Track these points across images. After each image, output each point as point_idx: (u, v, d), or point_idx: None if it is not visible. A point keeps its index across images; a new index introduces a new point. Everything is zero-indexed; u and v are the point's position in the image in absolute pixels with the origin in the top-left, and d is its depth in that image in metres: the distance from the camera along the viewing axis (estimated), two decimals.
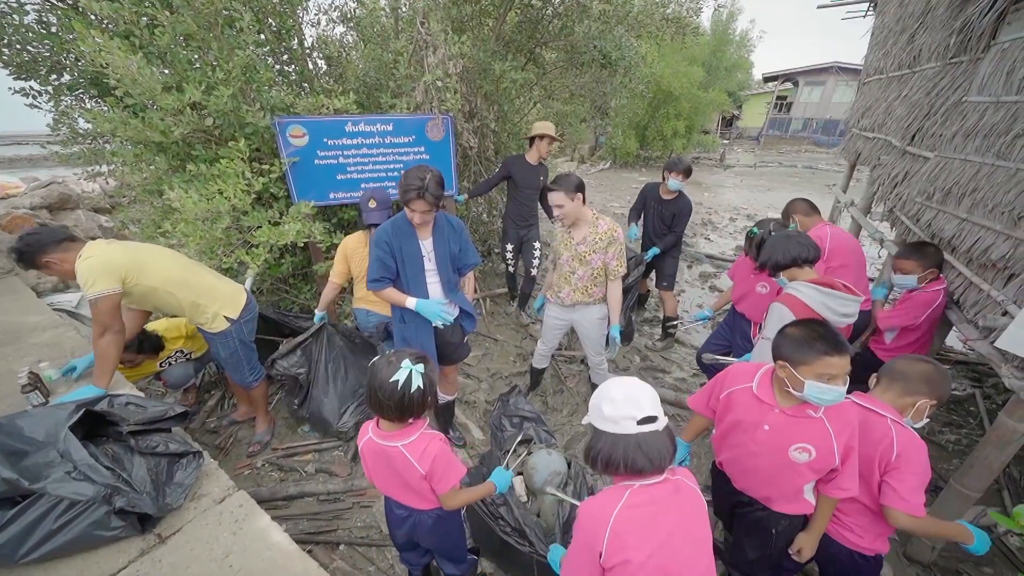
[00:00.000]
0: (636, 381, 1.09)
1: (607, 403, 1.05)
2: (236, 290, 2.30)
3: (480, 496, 1.48)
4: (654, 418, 1.02)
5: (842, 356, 1.21)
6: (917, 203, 2.62)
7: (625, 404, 1.03)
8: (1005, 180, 1.88)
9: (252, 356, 2.39)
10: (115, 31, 2.48)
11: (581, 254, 2.37)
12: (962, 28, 2.44)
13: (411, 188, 1.82)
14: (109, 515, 1.27)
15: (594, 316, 2.54)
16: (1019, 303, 1.64)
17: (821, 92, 21.94)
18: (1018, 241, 1.74)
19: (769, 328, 1.83)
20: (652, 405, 1.03)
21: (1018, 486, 2.54)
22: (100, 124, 2.39)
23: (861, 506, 1.42)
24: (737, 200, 10.06)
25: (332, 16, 3.79)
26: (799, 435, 1.32)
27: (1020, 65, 1.94)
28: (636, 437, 1.01)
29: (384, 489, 1.42)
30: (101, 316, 1.79)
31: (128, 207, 3.98)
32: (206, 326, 2.17)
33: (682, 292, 5.09)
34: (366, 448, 1.34)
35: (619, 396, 1.04)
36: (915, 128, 2.95)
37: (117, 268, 1.84)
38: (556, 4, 4.11)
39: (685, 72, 12.73)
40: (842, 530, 1.46)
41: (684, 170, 3.29)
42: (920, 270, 2.15)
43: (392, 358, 1.26)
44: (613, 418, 1.03)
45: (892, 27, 3.90)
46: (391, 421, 1.28)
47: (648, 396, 1.04)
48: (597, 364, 2.77)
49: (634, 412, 1.01)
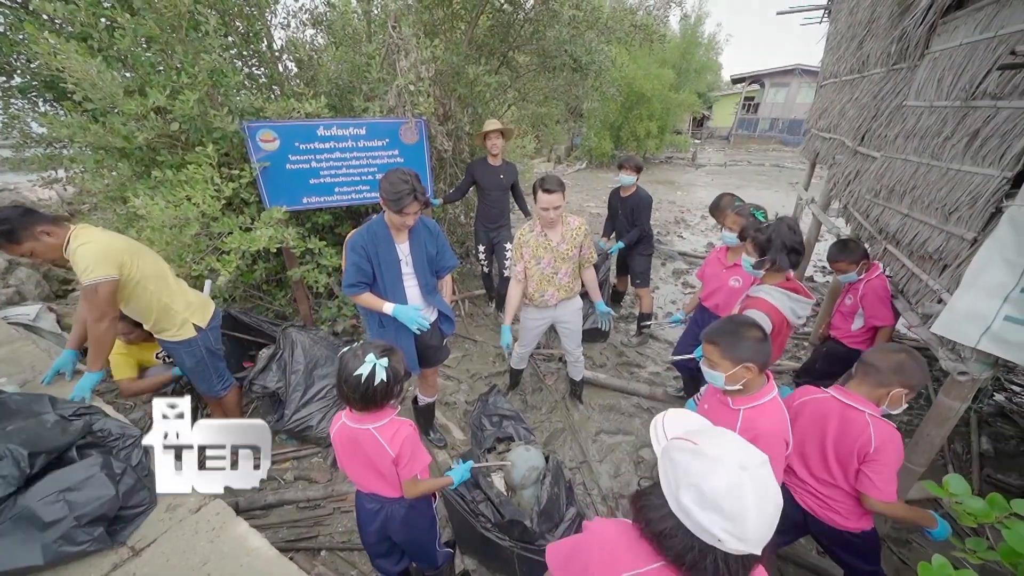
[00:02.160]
0: (758, 480, 0.68)
1: (690, 491, 0.69)
2: (205, 300, 2.27)
3: (437, 487, 1.52)
4: (754, 557, 0.69)
5: (713, 347, 1.38)
6: (867, 200, 2.80)
7: (715, 515, 0.67)
8: (938, 178, 2.05)
9: (219, 364, 2.34)
10: (71, 33, 2.40)
11: (563, 252, 2.45)
12: (901, 37, 2.63)
13: (404, 192, 1.82)
14: (76, 529, 1.24)
15: (574, 307, 2.68)
16: (952, 291, 1.79)
17: (786, 93, 22.83)
18: (950, 235, 1.90)
19: None
20: (761, 536, 0.67)
21: (961, 460, 2.75)
22: (56, 129, 2.31)
23: (844, 492, 1.52)
24: (709, 199, 10.34)
25: (302, 18, 3.76)
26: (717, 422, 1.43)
27: (948, 73, 2.12)
28: (711, 549, 0.69)
29: (354, 476, 1.45)
30: (100, 302, 1.77)
31: (89, 214, 3.82)
32: (171, 332, 2.10)
33: (656, 289, 5.25)
34: (339, 434, 1.38)
35: (715, 495, 0.67)
36: (864, 129, 3.15)
37: (118, 253, 1.83)
38: (527, 9, 4.18)
39: (656, 74, 13.06)
40: (830, 514, 1.57)
41: (633, 166, 3.45)
42: (853, 266, 2.35)
43: (359, 351, 1.30)
44: (691, 517, 0.69)
45: (844, 33, 4.14)
46: (359, 411, 1.34)
47: (760, 520, 0.66)
48: (576, 358, 2.87)
49: (724, 536, 0.66)
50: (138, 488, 1.42)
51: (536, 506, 1.83)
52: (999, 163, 1.68)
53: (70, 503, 1.25)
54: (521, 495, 1.99)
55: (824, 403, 1.55)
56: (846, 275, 2.38)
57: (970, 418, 3.01)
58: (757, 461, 0.71)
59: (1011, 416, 3.12)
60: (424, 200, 1.90)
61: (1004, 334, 1.54)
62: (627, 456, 2.76)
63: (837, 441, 1.49)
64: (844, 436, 1.46)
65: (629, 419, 3.08)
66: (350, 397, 1.30)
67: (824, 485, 1.56)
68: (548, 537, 1.80)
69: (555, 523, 1.86)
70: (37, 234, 1.71)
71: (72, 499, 1.26)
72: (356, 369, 1.26)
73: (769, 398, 1.41)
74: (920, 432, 1.96)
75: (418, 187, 1.86)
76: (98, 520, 1.27)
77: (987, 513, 1.20)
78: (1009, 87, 1.71)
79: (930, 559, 1.03)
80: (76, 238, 1.76)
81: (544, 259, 2.48)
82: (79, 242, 1.75)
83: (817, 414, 1.55)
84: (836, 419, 1.50)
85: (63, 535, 1.23)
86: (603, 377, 3.38)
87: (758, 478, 0.68)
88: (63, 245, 1.76)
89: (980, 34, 1.95)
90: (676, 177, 13.63)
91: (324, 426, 2.62)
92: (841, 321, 2.54)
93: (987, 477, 2.58)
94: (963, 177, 1.88)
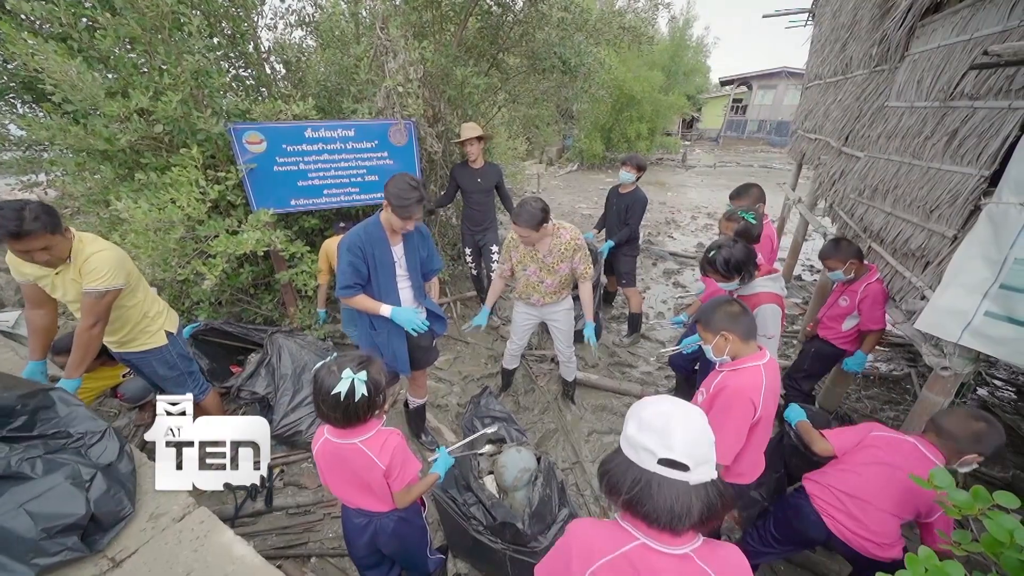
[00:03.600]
0: (681, 409, 0.83)
1: (633, 422, 0.85)
2: (167, 306, 2.24)
3: (427, 487, 1.48)
4: (684, 466, 0.78)
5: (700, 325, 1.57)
6: (851, 199, 2.84)
7: (649, 433, 0.81)
8: (919, 177, 2.09)
9: (194, 368, 2.29)
10: (50, 33, 2.36)
11: (549, 265, 2.43)
12: (881, 40, 2.69)
13: (413, 200, 1.83)
14: (45, 540, 1.20)
15: (564, 307, 2.65)
16: (934, 288, 1.83)
17: (773, 95, 23.18)
18: (931, 232, 1.93)
19: (771, 327, 1.90)
20: (687, 448, 0.78)
21: None
22: (35, 131, 2.26)
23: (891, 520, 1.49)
24: (699, 199, 10.48)
25: (289, 20, 3.73)
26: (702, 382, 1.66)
27: (927, 74, 2.16)
28: (653, 475, 0.80)
29: (341, 493, 1.40)
30: (99, 308, 1.76)
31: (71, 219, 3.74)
32: (142, 342, 2.05)
33: (647, 289, 5.27)
34: (322, 451, 1.31)
35: (648, 418, 0.82)
36: (848, 130, 3.21)
37: (128, 264, 1.87)
38: (516, 11, 4.19)
39: (646, 76, 13.19)
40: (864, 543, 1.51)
41: (636, 165, 3.46)
42: (842, 264, 2.35)
43: (333, 367, 1.22)
44: (632, 442, 0.83)
45: (828, 36, 4.22)
46: (341, 428, 1.27)
47: (685, 435, 0.79)
48: (567, 358, 2.86)
49: (655, 447, 0.79)
50: (113, 492, 1.37)
51: (528, 508, 1.82)
52: (977, 162, 1.72)
53: (33, 515, 1.20)
54: (513, 497, 1.98)
55: (901, 444, 1.52)
56: (834, 272, 2.40)
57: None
58: (687, 406, 0.86)
59: (993, 410, 3.18)
60: (428, 208, 1.93)
61: (985, 329, 1.57)
62: None
63: (908, 489, 1.44)
64: (917, 490, 1.39)
65: (621, 419, 3.06)
66: (329, 415, 1.22)
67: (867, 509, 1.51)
68: (540, 539, 1.79)
69: (547, 524, 1.85)
70: (65, 231, 1.73)
71: (35, 510, 1.22)
72: (333, 386, 1.18)
73: (751, 364, 1.49)
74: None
75: (424, 195, 1.88)
76: (70, 529, 1.23)
77: (971, 505, 1.21)
78: (984, 88, 1.75)
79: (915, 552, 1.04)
80: (88, 243, 1.77)
81: (530, 267, 2.47)
82: (94, 248, 1.76)
83: (891, 447, 1.53)
84: (914, 464, 1.45)
85: (32, 548, 1.19)
86: (595, 377, 3.38)
87: (683, 408, 0.84)
88: (65, 252, 1.75)
89: (956, 36, 2.00)
90: (667, 178, 13.75)
91: (314, 430, 2.58)
92: (832, 321, 2.54)
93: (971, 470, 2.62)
94: (943, 176, 1.92)
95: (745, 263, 1.88)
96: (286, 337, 2.75)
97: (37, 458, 1.33)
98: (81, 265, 1.74)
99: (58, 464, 1.33)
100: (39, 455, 1.34)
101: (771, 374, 1.49)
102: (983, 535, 1.13)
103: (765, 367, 1.48)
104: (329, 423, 1.27)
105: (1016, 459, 2.72)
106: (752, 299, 1.96)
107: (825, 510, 1.57)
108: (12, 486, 1.26)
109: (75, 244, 1.75)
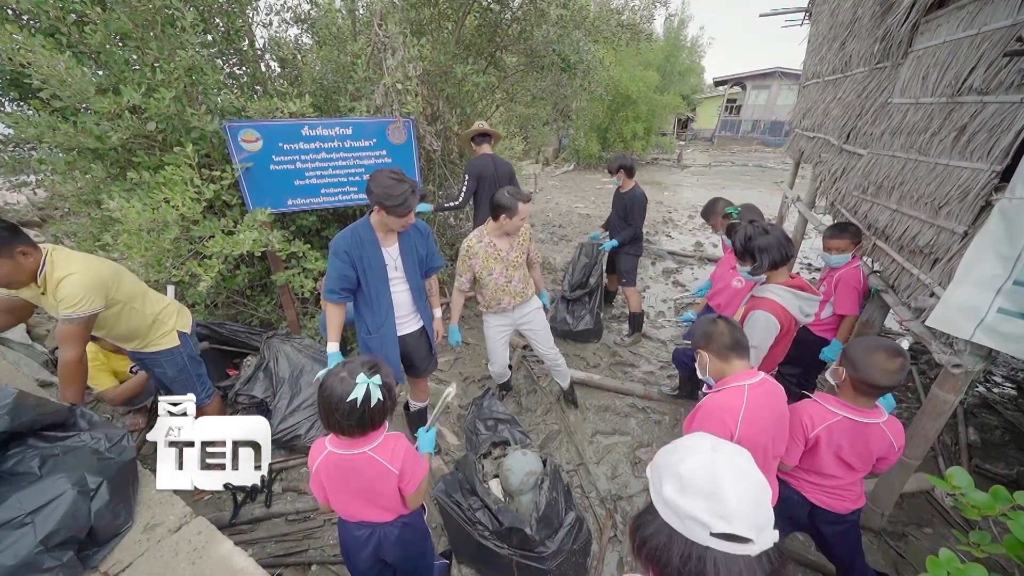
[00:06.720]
0: (725, 456, 0.68)
1: (671, 481, 0.68)
2: (181, 305, 2.19)
3: (425, 474, 1.41)
4: (746, 540, 0.62)
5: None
6: (854, 196, 2.83)
7: (695, 498, 0.64)
8: (926, 173, 2.07)
9: (202, 371, 2.25)
10: (37, 27, 2.29)
11: (513, 260, 2.43)
12: (883, 37, 2.67)
13: (405, 193, 1.75)
14: (41, 554, 1.14)
15: (533, 307, 2.65)
16: (944, 285, 1.81)
17: (767, 95, 23.33)
18: (940, 228, 1.92)
19: (757, 336, 1.77)
20: (748, 515, 0.63)
21: (951, 452, 2.79)
22: (23, 129, 2.19)
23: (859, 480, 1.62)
24: (695, 199, 10.49)
25: (285, 17, 3.67)
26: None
27: (932, 70, 2.15)
28: (706, 549, 0.63)
29: (344, 507, 1.33)
30: (80, 334, 1.64)
31: (61, 220, 3.66)
32: (156, 343, 2.02)
33: (647, 288, 5.25)
34: (325, 463, 1.25)
35: (690, 478, 0.66)
36: (850, 127, 3.20)
37: (106, 283, 1.70)
38: (515, 8, 4.15)
39: (641, 76, 13.22)
40: (845, 503, 1.63)
41: (616, 167, 3.51)
42: (850, 247, 2.38)
43: (343, 373, 1.16)
44: (674, 508, 0.66)
45: (826, 35, 4.21)
46: (351, 438, 1.21)
47: (741, 496, 0.63)
48: (554, 360, 2.81)
49: (707, 518, 0.63)
50: (114, 504, 1.32)
51: (535, 512, 1.78)
52: (987, 157, 1.70)
53: (35, 525, 1.15)
54: (519, 501, 1.94)
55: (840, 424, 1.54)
56: (840, 256, 2.40)
57: (957, 410, 3.06)
58: (729, 447, 0.72)
59: (994, 406, 3.18)
60: (421, 193, 1.86)
61: (998, 326, 1.55)
62: (624, 457, 2.73)
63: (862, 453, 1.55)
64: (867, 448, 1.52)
65: (624, 419, 3.05)
66: (343, 424, 1.16)
67: (844, 482, 1.60)
68: (547, 543, 1.75)
69: (554, 529, 1.81)
70: (15, 253, 1.55)
71: (39, 520, 1.17)
72: (347, 393, 1.13)
73: (733, 385, 1.40)
74: (915, 426, 1.97)
75: (411, 182, 1.80)
76: (67, 543, 1.18)
77: (991, 506, 1.19)
78: (995, 82, 1.73)
79: (925, 553, 1.01)
80: (57, 265, 1.61)
81: (496, 270, 2.41)
82: (65, 272, 1.60)
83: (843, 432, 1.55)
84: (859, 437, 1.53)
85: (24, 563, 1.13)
86: (597, 378, 3.35)
87: (727, 455, 0.69)
88: (37, 268, 1.61)
89: (963, 31, 1.98)
90: (663, 178, 13.78)
91: (313, 435, 2.53)
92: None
93: (976, 467, 2.61)
94: (952, 172, 1.90)
95: (763, 251, 1.78)
96: (282, 341, 2.70)
97: (50, 457, 1.28)
98: (54, 291, 1.60)
99: (69, 466, 1.28)
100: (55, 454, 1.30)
101: (758, 395, 1.37)
102: (1006, 537, 1.10)
103: (751, 388, 1.37)
104: (340, 433, 1.20)
105: (1020, 456, 2.72)
106: (753, 302, 1.90)
107: (801, 486, 1.67)
108: (20, 488, 1.21)
109: (48, 265, 1.61)
